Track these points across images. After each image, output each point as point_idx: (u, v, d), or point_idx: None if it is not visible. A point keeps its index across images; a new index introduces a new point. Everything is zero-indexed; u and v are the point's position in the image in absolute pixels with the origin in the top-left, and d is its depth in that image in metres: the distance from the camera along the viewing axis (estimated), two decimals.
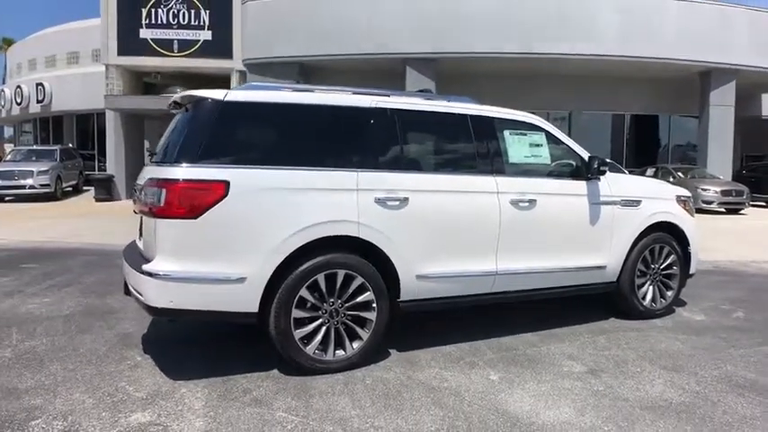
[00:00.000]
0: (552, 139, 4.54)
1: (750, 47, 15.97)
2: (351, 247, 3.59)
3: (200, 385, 3.31)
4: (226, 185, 3.28)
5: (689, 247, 5.08)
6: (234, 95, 3.53)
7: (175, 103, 3.94)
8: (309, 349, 3.47)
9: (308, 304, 3.48)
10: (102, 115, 19.63)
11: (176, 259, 3.26)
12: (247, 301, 3.36)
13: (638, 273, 4.80)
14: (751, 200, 15.98)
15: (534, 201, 4.21)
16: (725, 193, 15.07)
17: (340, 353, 3.57)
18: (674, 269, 5.01)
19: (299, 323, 3.45)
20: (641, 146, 20.02)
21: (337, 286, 3.53)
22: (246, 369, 3.54)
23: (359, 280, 3.57)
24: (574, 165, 4.58)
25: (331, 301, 3.53)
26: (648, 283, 4.90)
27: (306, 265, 3.42)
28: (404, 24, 14.88)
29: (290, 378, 3.44)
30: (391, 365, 3.69)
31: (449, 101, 4.23)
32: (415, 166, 3.98)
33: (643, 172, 16.20)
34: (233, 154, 3.44)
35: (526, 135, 4.42)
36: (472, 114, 4.17)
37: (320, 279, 3.48)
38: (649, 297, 4.90)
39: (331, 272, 3.50)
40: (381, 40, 14.86)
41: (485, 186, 4.06)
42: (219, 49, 18.41)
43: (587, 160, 4.53)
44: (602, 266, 4.60)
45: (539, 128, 4.51)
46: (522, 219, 4.16)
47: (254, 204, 3.36)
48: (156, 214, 3.30)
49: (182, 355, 3.86)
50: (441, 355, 3.91)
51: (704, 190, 14.95)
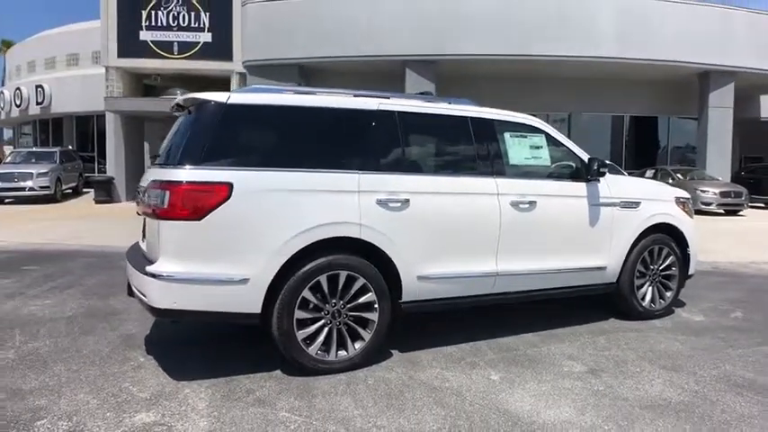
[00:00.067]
0: (552, 141, 4.56)
1: (749, 49, 16.01)
2: (353, 249, 3.61)
3: (204, 386, 3.34)
4: (229, 187, 3.30)
5: (688, 248, 5.11)
6: (237, 98, 3.57)
7: (178, 106, 3.97)
8: (312, 350, 3.50)
9: (311, 305, 3.50)
10: (102, 117, 19.62)
11: (180, 260, 3.28)
12: (250, 302, 3.38)
13: (637, 274, 4.83)
14: (750, 201, 16.03)
15: (534, 202, 4.24)
16: (724, 195, 15.11)
17: (342, 353, 3.59)
18: (673, 270, 5.04)
19: (301, 324, 3.47)
20: (640, 147, 20.07)
21: (339, 287, 3.56)
22: (249, 370, 3.57)
23: (361, 281, 3.60)
24: (573, 166, 4.61)
25: (333, 302, 3.55)
26: (648, 283, 4.93)
27: (308, 267, 3.45)
28: (404, 24, 14.91)
29: (292, 378, 3.47)
30: (393, 366, 3.72)
31: (449, 103, 4.26)
32: (417, 167, 4.00)
33: (642, 173, 16.22)
34: (236, 156, 3.47)
35: (526, 137, 4.45)
36: (473, 117, 4.20)
37: (322, 280, 3.50)
38: (649, 298, 4.93)
39: (333, 273, 3.53)
40: (381, 41, 14.89)
41: (485, 188, 4.09)
42: (219, 50, 18.41)
43: (587, 162, 4.56)
44: (602, 267, 4.63)
45: (538, 130, 4.54)
46: (523, 220, 4.19)
47: (257, 206, 3.39)
48: (160, 216, 3.33)
49: (184, 356, 3.88)
50: (442, 355, 3.94)
51: (703, 191, 14.99)
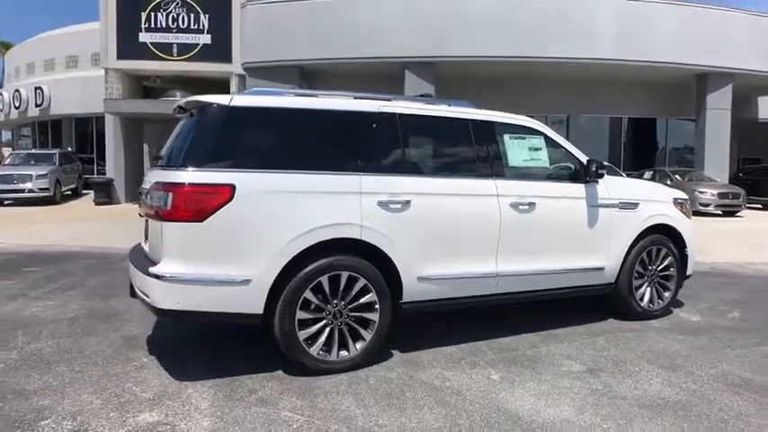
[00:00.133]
0: (551, 143, 4.60)
1: (747, 50, 16.06)
2: (354, 250, 3.64)
3: (206, 386, 3.36)
4: (231, 189, 3.33)
5: (686, 248, 5.14)
6: (239, 100, 3.60)
7: (180, 108, 4.00)
8: (313, 350, 3.53)
9: (312, 306, 3.53)
10: (102, 119, 19.65)
11: (182, 261, 3.31)
12: (252, 302, 3.41)
13: (635, 274, 4.86)
14: (747, 202, 16.07)
15: (534, 203, 4.27)
16: (722, 196, 15.16)
17: (343, 353, 3.62)
18: (672, 271, 5.08)
19: (303, 324, 3.50)
20: (639, 149, 20.14)
21: (341, 288, 3.59)
22: (251, 370, 3.59)
23: (362, 282, 3.63)
24: (572, 168, 4.64)
25: (335, 302, 3.58)
26: (646, 284, 4.97)
27: (310, 268, 3.48)
28: (404, 24, 14.94)
29: (294, 378, 3.49)
30: (394, 366, 3.74)
31: (449, 105, 4.29)
32: (417, 169, 4.03)
33: (640, 175, 16.26)
34: (238, 158, 3.50)
35: (525, 139, 4.48)
36: (473, 119, 4.23)
37: (324, 281, 3.53)
38: (647, 298, 4.97)
39: (334, 274, 3.56)
40: (381, 42, 14.91)
41: (485, 189, 4.12)
42: (219, 52, 18.46)
43: (586, 163, 4.59)
44: (601, 268, 4.66)
45: (537, 132, 4.57)
46: (522, 221, 4.22)
47: (259, 207, 3.41)
48: (163, 217, 3.35)
49: (187, 357, 3.91)
50: (442, 355, 3.97)
51: (701, 192, 15.05)
